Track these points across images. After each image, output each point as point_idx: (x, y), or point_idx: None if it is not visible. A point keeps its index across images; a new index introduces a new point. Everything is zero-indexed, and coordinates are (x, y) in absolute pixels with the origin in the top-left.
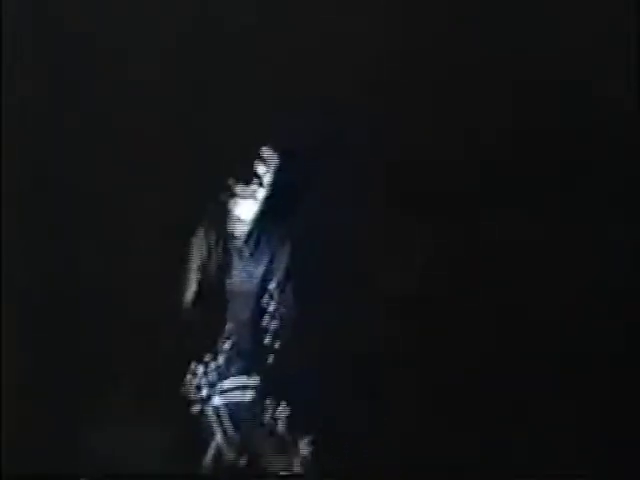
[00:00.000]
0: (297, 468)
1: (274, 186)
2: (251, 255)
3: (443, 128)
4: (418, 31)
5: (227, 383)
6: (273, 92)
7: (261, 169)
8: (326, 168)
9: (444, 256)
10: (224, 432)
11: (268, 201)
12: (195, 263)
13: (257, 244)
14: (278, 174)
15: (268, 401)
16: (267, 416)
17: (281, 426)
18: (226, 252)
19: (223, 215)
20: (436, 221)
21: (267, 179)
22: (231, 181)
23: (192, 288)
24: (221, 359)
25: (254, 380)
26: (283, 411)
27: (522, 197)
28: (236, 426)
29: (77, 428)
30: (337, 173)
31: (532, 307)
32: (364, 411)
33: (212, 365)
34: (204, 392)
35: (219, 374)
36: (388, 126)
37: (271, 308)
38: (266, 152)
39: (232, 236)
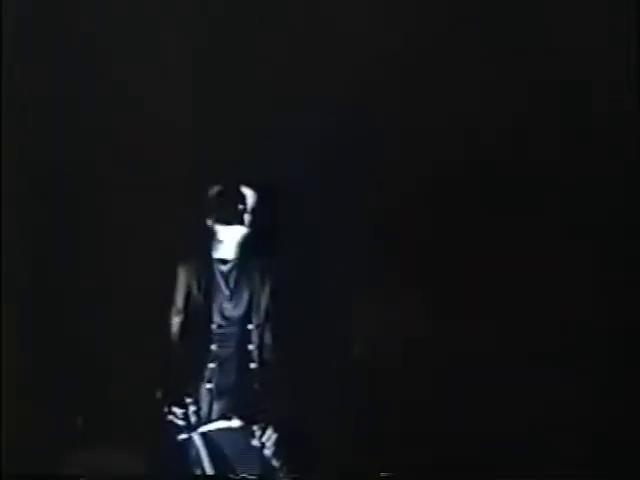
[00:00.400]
0: None
1: (254, 224)
2: (231, 295)
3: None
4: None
5: (208, 426)
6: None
7: (240, 207)
8: (307, 206)
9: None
10: (208, 462)
11: (248, 240)
12: (179, 297)
13: (237, 284)
14: (257, 212)
15: (254, 442)
16: (253, 455)
17: (268, 461)
18: (208, 288)
19: (205, 252)
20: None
21: (247, 217)
22: (213, 216)
23: (176, 322)
24: (202, 401)
25: (235, 422)
26: (269, 448)
27: (522, 197)
28: (220, 462)
29: (77, 428)
30: (318, 212)
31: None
32: (351, 443)
33: (192, 407)
34: (185, 431)
35: (199, 417)
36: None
37: (251, 348)
38: (246, 190)
39: (214, 271)
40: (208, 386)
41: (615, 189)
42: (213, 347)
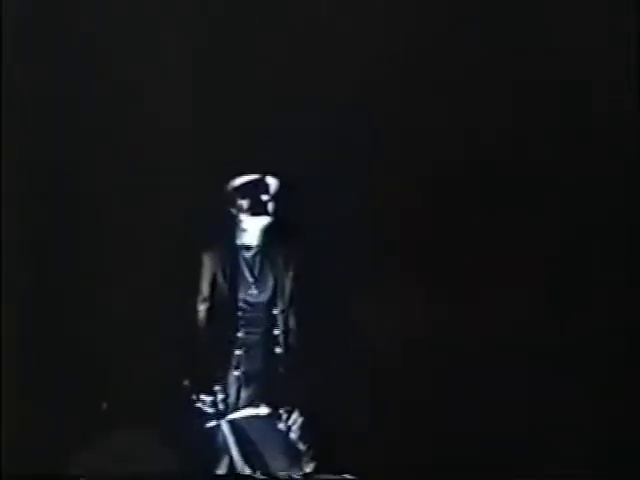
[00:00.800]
0: None
1: (278, 213)
2: (255, 281)
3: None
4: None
5: (236, 413)
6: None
7: (265, 197)
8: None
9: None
10: (236, 448)
11: (272, 227)
12: (205, 284)
13: (261, 269)
14: (281, 201)
15: (279, 426)
16: (281, 435)
17: (294, 445)
18: (233, 275)
19: (229, 240)
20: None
21: (271, 206)
22: (237, 206)
23: (203, 309)
24: (230, 388)
25: (263, 409)
26: (295, 432)
27: (522, 197)
28: (248, 443)
29: (77, 428)
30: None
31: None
32: (375, 428)
33: (220, 395)
34: (214, 418)
35: (227, 405)
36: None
37: (276, 333)
38: (270, 179)
39: (238, 258)
40: (236, 373)
41: (615, 189)
42: (239, 334)
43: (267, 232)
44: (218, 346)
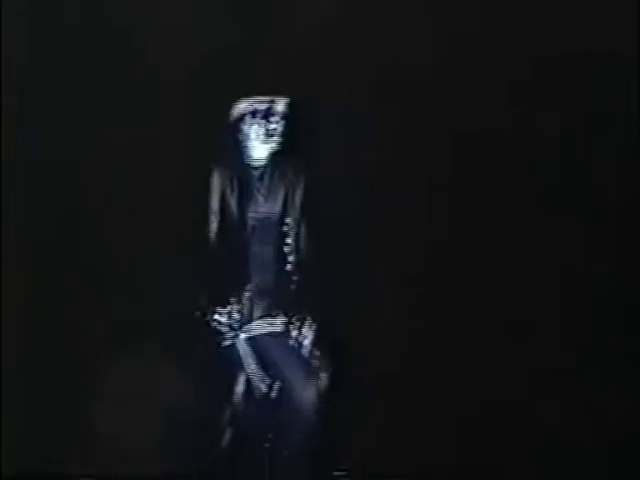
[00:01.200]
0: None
1: (288, 129)
2: (265, 195)
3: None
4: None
5: (252, 325)
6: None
7: (273, 119)
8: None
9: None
10: (252, 366)
11: (282, 140)
12: (215, 201)
13: (271, 183)
14: (291, 123)
15: (294, 335)
16: (295, 349)
17: (309, 355)
18: (242, 191)
19: (238, 153)
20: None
21: (280, 129)
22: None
23: (214, 226)
24: (245, 301)
25: (279, 319)
26: (310, 341)
27: (522, 198)
28: (264, 360)
29: (77, 428)
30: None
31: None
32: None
33: (236, 307)
34: (229, 334)
35: (243, 316)
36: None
37: (287, 248)
38: (277, 102)
39: (247, 174)
40: (248, 288)
41: (615, 189)
42: (250, 250)
43: (276, 152)
44: (229, 263)
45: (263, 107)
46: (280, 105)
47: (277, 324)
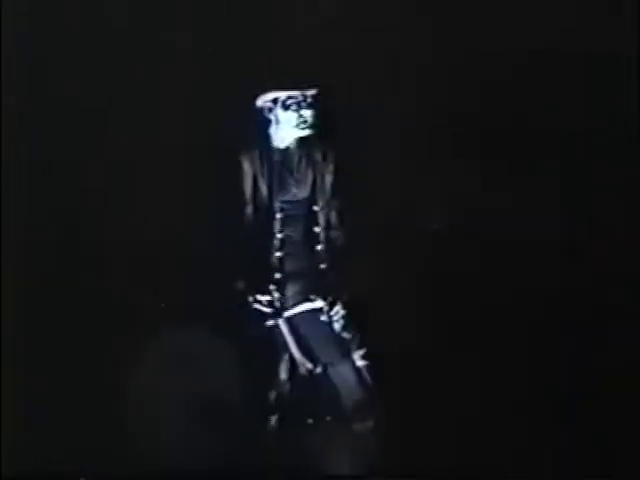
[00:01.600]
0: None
1: (317, 116)
2: (294, 178)
3: None
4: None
5: (289, 306)
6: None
7: (303, 112)
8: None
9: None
10: (294, 347)
11: (311, 126)
12: (248, 186)
13: (299, 166)
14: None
15: (329, 316)
16: (330, 329)
17: (343, 335)
18: (271, 176)
19: (266, 139)
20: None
21: (310, 119)
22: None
23: (250, 207)
24: (280, 284)
25: (317, 303)
26: (338, 322)
27: (522, 198)
28: (304, 341)
29: (77, 428)
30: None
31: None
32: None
33: (276, 293)
34: (271, 318)
35: (282, 298)
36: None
37: (317, 230)
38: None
39: (275, 160)
40: (278, 273)
41: (615, 190)
42: (280, 234)
43: (304, 138)
44: (264, 247)
45: (292, 96)
46: (309, 94)
47: (311, 306)
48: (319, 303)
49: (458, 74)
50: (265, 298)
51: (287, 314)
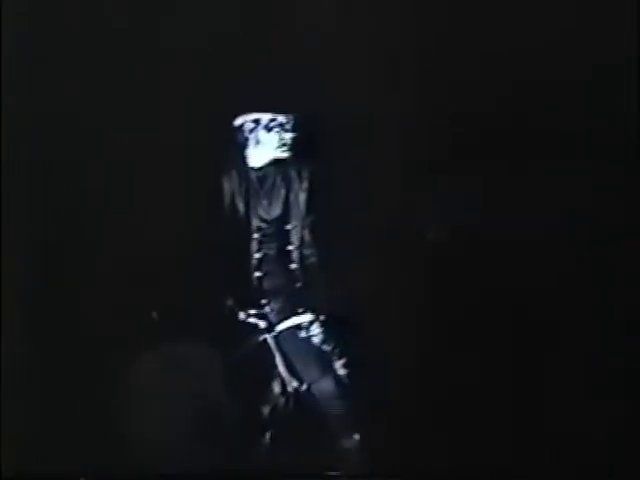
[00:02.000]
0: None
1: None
2: (270, 195)
3: None
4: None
5: (274, 323)
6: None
7: (275, 132)
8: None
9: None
10: (281, 364)
11: (286, 146)
12: (227, 203)
13: (273, 185)
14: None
15: (308, 332)
16: (311, 344)
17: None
18: (248, 195)
19: (243, 158)
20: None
21: (283, 142)
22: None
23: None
24: (263, 301)
25: (294, 317)
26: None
27: (522, 198)
28: (290, 357)
29: (77, 428)
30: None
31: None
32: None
33: (268, 308)
34: (260, 334)
35: (269, 314)
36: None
37: (290, 248)
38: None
39: (249, 179)
40: (260, 290)
41: (615, 190)
42: (258, 253)
43: (279, 159)
44: (243, 265)
45: (275, 118)
46: (285, 116)
47: (291, 323)
48: (298, 320)
49: (453, 78)
50: (255, 313)
51: (271, 333)
